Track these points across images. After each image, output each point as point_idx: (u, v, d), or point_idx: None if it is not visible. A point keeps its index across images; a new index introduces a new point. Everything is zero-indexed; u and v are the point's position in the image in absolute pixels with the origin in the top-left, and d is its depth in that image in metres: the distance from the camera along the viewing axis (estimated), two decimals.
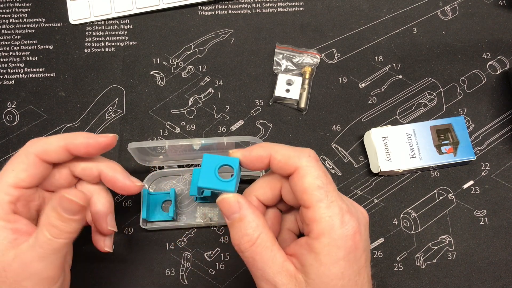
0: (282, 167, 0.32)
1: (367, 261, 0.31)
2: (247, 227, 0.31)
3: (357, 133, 0.50)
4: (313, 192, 0.30)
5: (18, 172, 0.34)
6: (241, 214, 0.31)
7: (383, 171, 0.46)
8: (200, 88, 0.52)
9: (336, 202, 0.30)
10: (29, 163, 0.34)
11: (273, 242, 0.31)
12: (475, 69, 0.52)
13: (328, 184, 0.31)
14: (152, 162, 0.47)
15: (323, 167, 0.32)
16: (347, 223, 0.30)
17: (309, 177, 0.31)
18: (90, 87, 0.52)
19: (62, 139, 0.35)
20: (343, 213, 0.30)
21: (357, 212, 0.32)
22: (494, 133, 0.50)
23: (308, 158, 0.31)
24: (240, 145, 0.43)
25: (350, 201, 0.33)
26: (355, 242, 0.30)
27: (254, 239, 0.31)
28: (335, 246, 0.30)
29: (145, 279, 0.45)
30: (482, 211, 0.47)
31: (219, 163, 0.34)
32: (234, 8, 0.55)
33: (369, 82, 0.52)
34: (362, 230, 0.31)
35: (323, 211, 0.30)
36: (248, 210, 0.32)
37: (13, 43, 0.53)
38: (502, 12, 0.54)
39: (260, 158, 0.33)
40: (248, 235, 0.31)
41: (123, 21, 0.54)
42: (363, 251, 0.31)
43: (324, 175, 0.31)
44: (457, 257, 0.45)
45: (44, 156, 0.35)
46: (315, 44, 0.53)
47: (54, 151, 0.35)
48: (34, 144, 0.35)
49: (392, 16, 0.54)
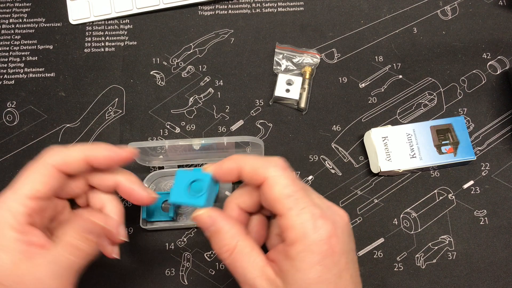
0: (252, 178, 0.33)
1: (349, 263, 0.31)
2: (224, 237, 0.33)
3: (357, 133, 0.50)
4: (283, 201, 0.31)
5: (36, 183, 0.33)
6: (216, 227, 0.33)
7: (383, 171, 0.46)
8: (200, 88, 0.52)
9: (307, 208, 0.31)
10: (47, 175, 0.33)
11: (252, 247, 0.32)
12: (475, 69, 0.52)
13: (297, 191, 0.31)
14: (152, 162, 0.47)
15: (292, 174, 0.32)
16: (320, 228, 0.30)
17: (278, 187, 0.31)
18: (90, 87, 0.52)
19: (82, 151, 0.35)
20: (315, 219, 0.30)
21: (334, 215, 0.32)
22: (494, 133, 0.50)
23: (275, 168, 0.32)
24: (240, 145, 0.43)
25: (327, 204, 0.33)
26: (330, 246, 0.30)
27: (232, 248, 0.32)
28: (309, 252, 0.30)
29: (145, 279, 0.45)
30: (482, 211, 0.47)
31: (190, 179, 0.35)
32: (234, 8, 0.55)
33: (369, 82, 0.52)
34: (339, 233, 0.31)
35: (294, 218, 0.30)
36: (222, 221, 0.33)
37: (13, 43, 0.53)
38: (502, 12, 0.54)
39: (231, 171, 0.34)
40: (226, 245, 0.32)
41: (123, 21, 0.54)
42: (341, 253, 0.31)
43: (293, 183, 0.31)
44: (457, 257, 0.45)
45: (63, 168, 0.34)
46: (315, 44, 0.53)
47: (74, 163, 0.35)
48: (53, 155, 0.34)
49: (392, 16, 0.54)
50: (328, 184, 0.48)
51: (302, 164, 0.49)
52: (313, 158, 0.49)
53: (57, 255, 0.32)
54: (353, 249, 0.33)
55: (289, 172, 0.32)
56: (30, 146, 0.49)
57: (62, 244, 0.32)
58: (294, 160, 0.49)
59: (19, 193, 0.32)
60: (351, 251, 0.32)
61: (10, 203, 0.32)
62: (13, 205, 0.32)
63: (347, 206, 0.47)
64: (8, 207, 0.32)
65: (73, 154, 0.35)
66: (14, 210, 0.32)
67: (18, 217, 0.32)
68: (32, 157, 0.48)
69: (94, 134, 0.50)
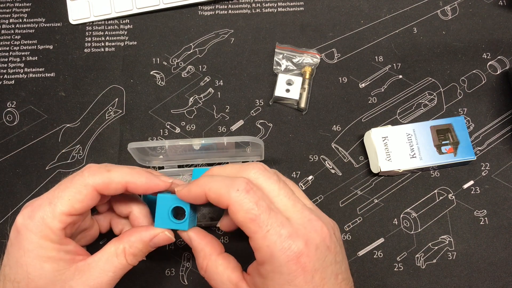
0: (217, 203, 0.33)
1: (326, 278, 0.31)
2: (198, 257, 0.36)
3: (357, 133, 0.50)
4: (247, 225, 0.31)
5: (74, 202, 0.34)
6: (192, 245, 0.36)
7: (383, 171, 0.46)
8: (200, 88, 0.52)
9: (273, 229, 0.30)
10: (86, 195, 0.34)
11: (225, 266, 0.34)
12: (475, 69, 0.52)
13: (261, 213, 0.31)
14: (152, 162, 0.47)
15: (256, 195, 0.31)
16: (288, 249, 0.30)
17: (241, 213, 0.31)
18: (90, 87, 0.52)
19: (123, 176, 0.35)
20: (282, 240, 0.30)
21: (308, 231, 0.31)
22: (494, 133, 0.50)
23: (237, 193, 0.31)
24: (240, 145, 0.43)
25: (307, 218, 0.32)
26: (301, 265, 0.30)
27: (204, 267, 0.35)
28: (278, 273, 0.30)
29: (145, 279, 0.45)
30: (482, 211, 0.47)
31: (172, 204, 0.36)
32: (234, 8, 0.55)
33: (369, 82, 0.52)
34: (311, 251, 0.30)
35: (260, 242, 0.31)
36: (195, 241, 0.36)
37: (13, 43, 0.53)
38: (502, 12, 0.54)
39: (198, 196, 0.34)
40: (199, 263, 0.35)
41: (123, 21, 0.54)
42: (314, 271, 0.30)
43: (255, 206, 0.31)
44: (457, 257, 0.45)
45: (103, 190, 0.35)
46: (315, 44, 0.53)
47: (115, 188, 0.35)
48: (94, 175, 0.35)
49: (392, 16, 0.54)
50: (328, 184, 0.48)
51: (302, 164, 0.49)
52: (313, 158, 0.49)
53: (113, 263, 0.34)
54: (333, 262, 0.32)
55: (251, 195, 0.31)
56: (30, 146, 0.49)
57: (117, 253, 0.35)
58: (294, 160, 0.49)
59: (57, 210, 0.33)
60: (330, 265, 0.31)
61: (47, 219, 0.33)
62: (50, 221, 0.33)
63: (347, 206, 0.47)
64: (45, 221, 0.33)
65: (115, 179, 0.35)
66: (52, 225, 0.33)
67: (56, 232, 0.33)
68: (32, 157, 0.49)
69: (94, 134, 0.50)
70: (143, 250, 0.36)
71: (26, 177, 0.48)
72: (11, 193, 0.48)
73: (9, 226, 0.37)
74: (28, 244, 0.33)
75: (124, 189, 0.36)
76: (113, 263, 0.34)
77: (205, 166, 0.47)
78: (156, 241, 0.36)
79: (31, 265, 0.32)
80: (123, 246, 0.35)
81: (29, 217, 0.33)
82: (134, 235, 0.36)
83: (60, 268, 0.33)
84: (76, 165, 0.49)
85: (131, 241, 0.35)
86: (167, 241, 0.37)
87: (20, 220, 0.33)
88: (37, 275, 0.32)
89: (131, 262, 0.35)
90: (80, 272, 0.34)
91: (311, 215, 0.32)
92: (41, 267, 0.33)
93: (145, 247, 0.36)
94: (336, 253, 0.32)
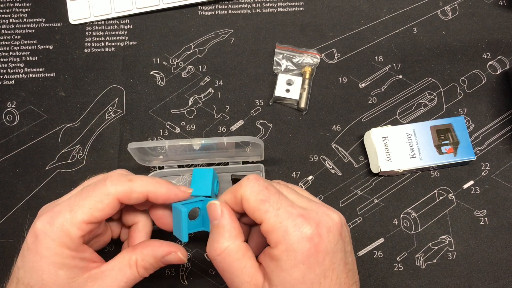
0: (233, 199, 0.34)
1: (335, 263, 0.31)
2: (220, 235, 0.33)
3: (357, 133, 0.50)
4: (259, 207, 0.32)
5: (94, 210, 0.34)
6: (219, 221, 0.34)
7: (383, 171, 0.46)
8: (200, 88, 0.52)
9: (284, 208, 0.32)
10: (107, 204, 0.34)
11: (245, 252, 0.33)
12: (475, 69, 0.52)
13: (271, 195, 0.32)
14: (152, 162, 0.47)
15: (264, 183, 0.33)
16: (301, 226, 0.31)
17: (252, 197, 0.32)
18: (90, 87, 0.52)
19: (145, 186, 0.35)
20: (294, 217, 0.31)
21: (320, 215, 0.32)
22: (494, 133, 0.50)
23: (247, 181, 0.33)
24: (240, 145, 0.43)
25: (316, 205, 0.33)
26: (314, 244, 0.30)
27: (222, 249, 0.32)
28: (292, 251, 0.30)
29: (145, 279, 0.45)
30: (482, 211, 0.47)
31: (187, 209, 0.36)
32: (234, 8, 0.55)
33: (369, 82, 0.52)
34: (323, 233, 0.31)
35: (273, 219, 0.31)
36: (226, 219, 0.33)
37: (13, 43, 0.53)
38: (502, 12, 0.54)
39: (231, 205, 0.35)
40: (218, 243, 0.33)
41: (123, 21, 0.54)
42: (325, 253, 0.31)
43: (265, 189, 0.33)
44: (457, 257, 0.45)
45: (124, 200, 0.35)
46: (315, 44, 0.53)
47: (136, 197, 0.35)
48: (117, 185, 0.35)
49: (392, 16, 0.54)
50: (328, 184, 0.48)
51: (302, 164, 0.49)
52: (313, 158, 0.49)
53: (125, 274, 0.34)
54: (343, 250, 0.32)
55: (261, 181, 0.33)
56: (30, 146, 0.49)
57: (130, 265, 0.35)
58: (294, 160, 0.49)
59: (77, 217, 0.33)
60: (340, 252, 0.32)
61: (67, 225, 0.33)
62: (70, 228, 0.33)
63: (347, 206, 0.47)
64: (65, 228, 0.33)
65: (137, 189, 0.35)
66: (71, 233, 0.33)
67: (74, 239, 0.33)
68: (32, 157, 0.49)
69: (94, 134, 0.50)
70: (154, 265, 0.36)
71: (26, 177, 0.48)
72: (11, 193, 0.48)
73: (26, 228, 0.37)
74: (45, 250, 0.33)
75: (144, 199, 0.36)
76: (125, 273, 0.35)
77: (205, 166, 0.47)
78: (168, 259, 0.36)
79: (46, 271, 0.32)
80: (136, 257, 0.35)
81: (49, 223, 0.33)
82: (148, 249, 0.36)
83: (74, 275, 0.33)
84: (76, 165, 0.49)
85: (144, 254, 0.35)
86: (179, 262, 0.37)
87: (39, 225, 0.33)
88: (51, 282, 0.33)
89: (141, 275, 0.35)
90: (94, 279, 0.34)
91: (319, 205, 0.34)
92: (56, 273, 0.33)
93: (157, 262, 0.36)
94: (346, 242, 0.33)
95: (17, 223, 0.47)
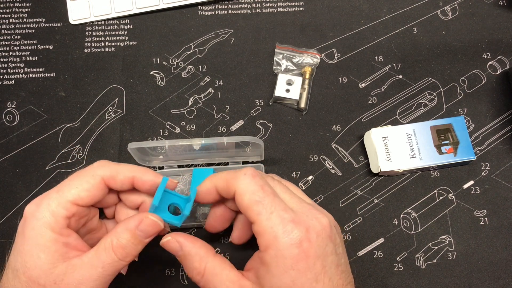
0: (226, 192, 0.34)
1: (327, 267, 0.31)
2: (193, 261, 0.34)
3: (357, 133, 0.50)
4: (252, 207, 0.32)
5: (81, 190, 0.34)
6: (183, 251, 0.34)
7: (383, 171, 0.46)
8: (200, 88, 0.52)
9: (276, 212, 0.32)
10: (93, 184, 0.35)
11: (223, 266, 0.33)
12: (475, 69, 0.52)
13: (265, 197, 0.32)
14: (152, 162, 0.47)
15: (260, 181, 0.33)
16: (291, 232, 0.31)
17: (247, 195, 0.32)
18: (90, 87, 0.52)
19: (132, 170, 0.36)
20: (284, 223, 0.31)
21: (310, 219, 0.32)
22: (494, 133, 0.50)
23: (244, 177, 0.33)
24: (240, 145, 0.43)
25: (307, 208, 0.33)
26: (303, 250, 0.31)
27: (202, 271, 0.33)
28: (282, 257, 0.31)
29: (145, 279, 0.45)
30: (482, 211, 0.47)
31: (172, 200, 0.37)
32: (234, 8, 0.55)
33: (369, 82, 0.52)
34: (312, 237, 0.31)
35: (264, 223, 0.31)
36: (188, 245, 0.34)
37: (13, 43, 0.53)
38: (502, 12, 0.54)
39: (209, 191, 0.36)
40: (195, 268, 0.34)
41: (123, 21, 0.54)
42: (316, 258, 0.31)
43: (261, 189, 0.33)
44: (457, 257, 0.45)
45: (110, 182, 0.35)
46: (315, 44, 0.53)
47: (121, 180, 0.36)
48: (103, 167, 0.36)
49: (392, 16, 0.54)
50: (328, 184, 0.48)
51: (302, 164, 0.49)
52: (313, 158, 0.49)
53: (102, 258, 0.33)
54: (334, 253, 0.33)
55: (258, 180, 0.33)
56: (30, 146, 0.49)
57: (106, 247, 0.33)
58: (294, 160, 0.49)
59: (63, 197, 0.33)
60: (331, 255, 0.32)
61: (53, 205, 0.33)
62: (55, 207, 0.33)
63: (347, 206, 0.47)
64: (50, 208, 0.33)
65: (123, 171, 0.36)
66: (56, 211, 0.33)
67: (58, 219, 0.33)
68: (32, 157, 0.49)
69: (94, 134, 0.50)
70: (131, 241, 0.34)
71: (26, 177, 0.48)
72: (11, 193, 0.48)
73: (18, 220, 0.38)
74: (30, 230, 0.33)
75: (130, 184, 0.36)
76: (100, 257, 0.33)
77: (205, 166, 0.47)
78: (143, 227, 0.34)
79: (28, 253, 0.32)
80: (111, 239, 0.34)
81: (36, 204, 0.33)
82: (120, 226, 0.35)
83: (54, 261, 0.32)
84: (76, 165, 0.49)
85: (118, 232, 0.34)
86: (154, 227, 0.35)
87: (28, 208, 0.34)
88: (33, 265, 0.32)
89: (121, 257, 0.33)
90: (73, 268, 0.33)
91: (310, 207, 0.34)
92: (37, 256, 0.32)
93: (133, 236, 0.34)
94: (336, 244, 0.33)
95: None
